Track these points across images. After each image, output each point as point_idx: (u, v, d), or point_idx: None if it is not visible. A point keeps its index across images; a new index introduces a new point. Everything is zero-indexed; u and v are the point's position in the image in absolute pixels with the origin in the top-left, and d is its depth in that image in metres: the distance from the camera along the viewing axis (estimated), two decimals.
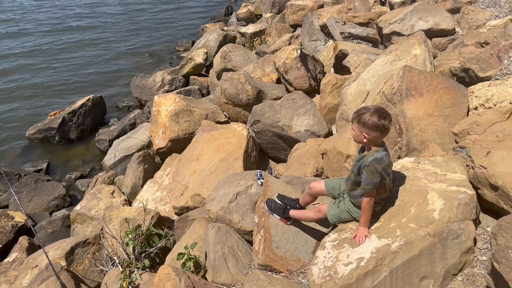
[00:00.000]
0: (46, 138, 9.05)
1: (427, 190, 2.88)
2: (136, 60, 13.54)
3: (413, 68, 4.12)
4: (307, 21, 9.13)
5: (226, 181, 4.28)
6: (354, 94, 5.17)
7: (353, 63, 6.24)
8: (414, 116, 3.87)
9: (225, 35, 11.91)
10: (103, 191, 6.20)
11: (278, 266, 3.30)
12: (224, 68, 9.03)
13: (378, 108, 2.66)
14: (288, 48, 7.11)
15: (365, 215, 2.74)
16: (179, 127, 6.41)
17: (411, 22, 6.67)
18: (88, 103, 9.51)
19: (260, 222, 3.53)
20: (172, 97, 6.79)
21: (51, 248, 4.66)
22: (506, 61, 4.56)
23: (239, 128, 5.68)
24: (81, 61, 13.41)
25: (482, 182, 3.02)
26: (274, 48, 9.44)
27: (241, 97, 6.76)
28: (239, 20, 15.13)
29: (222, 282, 3.43)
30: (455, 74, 4.91)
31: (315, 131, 5.68)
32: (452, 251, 2.62)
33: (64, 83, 11.92)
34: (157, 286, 3.13)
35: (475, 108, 3.95)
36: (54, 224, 6.28)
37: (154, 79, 10.86)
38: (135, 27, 16.82)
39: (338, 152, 4.39)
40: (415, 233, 2.64)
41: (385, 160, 2.65)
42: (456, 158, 3.33)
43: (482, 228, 2.97)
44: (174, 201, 5.14)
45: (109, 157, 7.84)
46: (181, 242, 4.05)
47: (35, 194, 7.11)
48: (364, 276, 2.51)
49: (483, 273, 2.62)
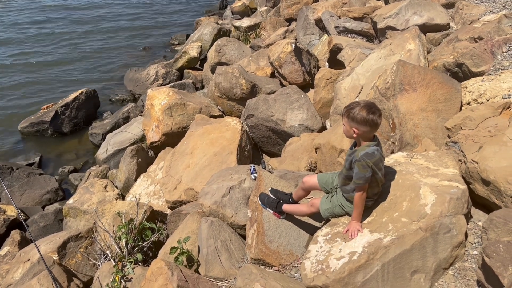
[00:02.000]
0: (38, 131, 8.99)
1: (420, 185, 2.89)
2: (130, 54, 13.45)
3: (407, 63, 4.12)
4: (302, 15, 9.09)
5: (220, 175, 4.27)
6: (348, 89, 5.17)
7: (348, 57, 6.24)
8: (407, 111, 3.87)
9: (219, 29, 11.86)
10: (96, 185, 6.17)
11: (271, 260, 3.31)
12: (218, 62, 8.99)
13: (367, 102, 2.66)
14: (283, 42, 7.08)
15: (357, 209, 2.75)
16: (172, 121, 6.38)
17: (406, 16, 6.66)
18: (81, 96, 9.44)
19: (253, 216, 3.53)
20: (166, 91, 6.75)
21: (43, 242, 4.64)
22: (499, 56, 4.57)
23: (233, 122, 5.67)
24: (74, 54, 13.31)
25: (474, 177, 3.03)
26: (269, 42, 9.40)
27: (235, 91, 6.74)
28: (234, 13, 15.05)
29: (215, 276, 3.44)
30: (448, 69, 4.92)
31: (309, 126, 5.67)
32: (444, 245, 2.64)
33: (57, 76, 11.82)
34: (149, 280, 3.12)
35: (468, 103, 3.96)
36: (47, 218, 6.25)
37: (148, 72, 10.79)
38: (129, 20, 16.69)
39: (332, 146, 4.39)
40: (407, 228, 2.65)
41: (376, 154, 2.65)
42: (448, 153, 3.34)
43: (473, 223, 2.99)
44: (167, 195, 5.12)
45: (102, 151, 7.80)
46: (174, 236, 4.04)
47: (27, 188, 7.07)
48: (356, 270, 2.52)
49: (474, 267, 2.64)
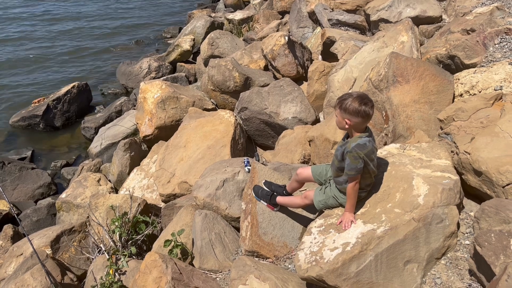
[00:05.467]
0: (30, 125, 8.90)
1: (412, 176, 2.90)
2: (122, 47, 13.34)
3: (400, 55, 4.13)
4: (295, 7, 9.06)
5: (213, 168, 4.27)
6: (342, 81, 5.17)
7: (341, 50, 6.23)
8: (400, 103, 3.88)
9: (212, 22, 11.78)
10: (89, 179, 6.14)
11: (265, 252, 3.32)
12: (212, 55, 8.95)
13: (360, 94, 2.67)
14: (276, 35, 7.06)
15: (350, 200, 2.76)
16: (165, 114, 6.35)
17: (399, 9, 6.67)
18: (73, 90, 9.36)
19: (247, 208, 3.54)
20: (159, 84, 6.71)
21: (36, 236, 4.62)
22: (491, 48, 4.59)
23: (226, 115, 5.65)
24: (66, 47, 13.16)
25: (466, 168, 3.06)
26: (262, 35, 9.37)
27: (228, 84, 6.71)
28: (227, 6, 14.95)
29: (209, 268, 3.45)
30: (441, 61, 4.93)
31: (302, 118, 5.67)
32: (436, 235, 2.66)
33: (49, 70, 11.69)
34: (143, 273, 3.12)
35: (461, 94, 3.98)
36: (39, 213, 6.22)
37: (141, 66, 10.71)
38: (121, 13, 16.51)
39: (325, 139, 4.40)
40: (400, 218, 2.66)
41: (368, 146, 2.66)
42: (441, 144, 3.36)
43: (465, 213, 3.02)
44: (161, 189, 5.11)
45: (95, 145, 7.75)
46: (168, 229, 4.04)
47: (19, 182, 7.01)
48: (349, 261, 2.53)
49: (466, 257, 2.67)
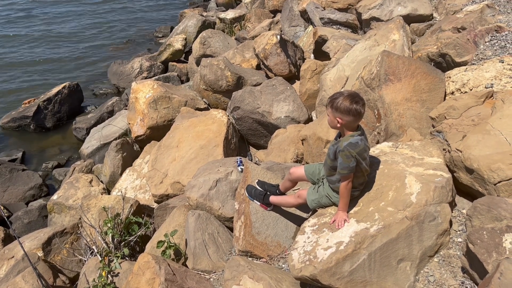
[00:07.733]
0: (20, 126, 8.82)
1: (405, 174, 2.91)
2: (113, 47, 13.23)
3: (392, 53, 4.14)
4: (286, 6, 9.06)
5: (206, 168, 4.25)
6: (334, 80, 5.18)
7: (333, 48, 6.24)
8: (392, 101, 3.89)
9: (204, 21, 11.72)
10: (81, 180, 6.09)
11: (259, 251, 3.31)
12: (203, 54, 8.91)
13: (351, 92, 2.67)
14: (268, 34, 7.05)
15: (343, 199, 2.76)
16: (157, 114, 6.31)
17: (390, 7, 6.69)
18: (64, 90, 9.27)
19: (241, 208, 3.53)
20: (150, 84, 6.67)
21: (27, 238, 4.57)
22: (482, 46, 4.61)
23: (219, 114, 5.63)
24: (57, 47, 13.03)
25: (458, 166, 3.07)
26: (254, 34, 9.34)
27: (220, 83, 6.69)
28: (219, 5, 14.90)
29: (203, 269, 3.43)
30: (432, 59, 4.95)
31: (295, 117, 5.67)
32: (429, 233, 2.67)
33: (40, 70, 11.57)
34: (136, 274, 3.10)
35: (452, 92, 4.00)
36: (31, 214, 6.16)
37: (132, 65, 10.65)
38: (112, 12, 16.38)
39: (318, 138, 4.40)
40: (393, 217, 2.67)
41: (360, 144, 2.66)
42: (433, 142, 3.38)
43: (457, 211, 3.03)
44: (153, 189, 5.09)
45: (86, 146, 7.69)
46: (161, 230, 4.01)
47: (10, 184, 6.94)
48: (343, 260, 2.53)
49: (459, 254, 2.68)
